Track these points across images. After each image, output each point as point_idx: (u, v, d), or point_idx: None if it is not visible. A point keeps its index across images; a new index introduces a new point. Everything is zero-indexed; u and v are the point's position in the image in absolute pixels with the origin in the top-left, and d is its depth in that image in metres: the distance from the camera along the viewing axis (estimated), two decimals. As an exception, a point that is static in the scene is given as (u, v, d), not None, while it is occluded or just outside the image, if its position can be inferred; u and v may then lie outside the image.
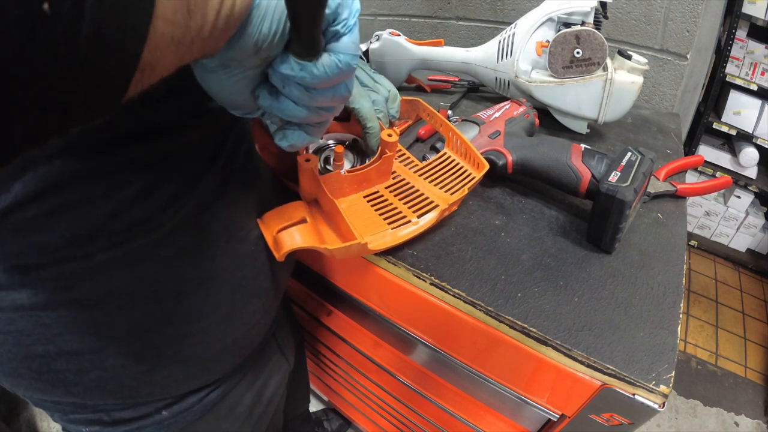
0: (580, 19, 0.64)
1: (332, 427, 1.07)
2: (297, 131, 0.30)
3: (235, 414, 0.47)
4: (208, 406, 0.42)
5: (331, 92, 0.28)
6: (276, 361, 0.53)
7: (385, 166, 0.49)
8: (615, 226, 0.46)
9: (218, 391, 0.43)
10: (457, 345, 0.50)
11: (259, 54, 0.25)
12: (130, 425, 0.38)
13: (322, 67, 0.25)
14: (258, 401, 0.50)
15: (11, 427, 1.15)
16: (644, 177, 0.47)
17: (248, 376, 0.47)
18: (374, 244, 0.43)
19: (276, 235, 0.38)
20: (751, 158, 1.61)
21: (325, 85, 0.27)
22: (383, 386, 0.72)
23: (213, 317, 0.37)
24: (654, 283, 0.46)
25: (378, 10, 1.25)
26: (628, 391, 0.38)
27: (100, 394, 0.35)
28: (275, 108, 0.28)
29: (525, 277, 0.46)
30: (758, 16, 1.37)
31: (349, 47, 0.26)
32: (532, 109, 0.64)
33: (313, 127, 0.31)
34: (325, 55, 0.25)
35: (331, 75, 0.26)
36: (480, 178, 0.51)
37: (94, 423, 0.38)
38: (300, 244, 0.38)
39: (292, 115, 0.28)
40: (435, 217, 0.47)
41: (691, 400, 1.31)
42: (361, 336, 0.70)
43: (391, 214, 0.47)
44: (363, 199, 0.48)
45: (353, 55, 0.26)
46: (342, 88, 0.28)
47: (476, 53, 0.76)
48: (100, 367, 0.33)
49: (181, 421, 0.41)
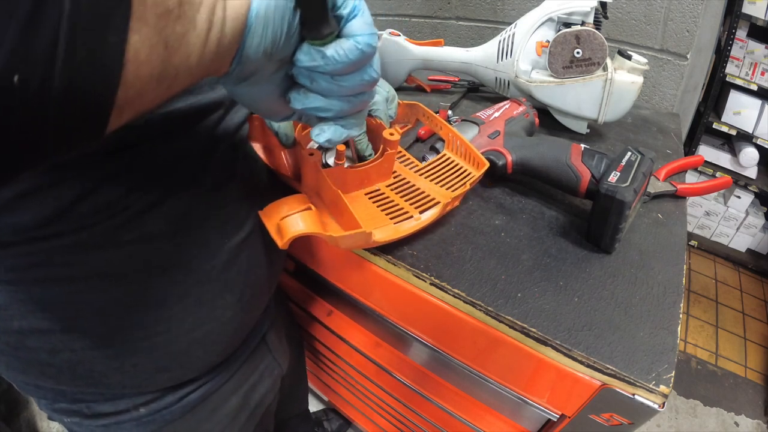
0: (580, 19, 0.64)
1: (332, 427, 1.07)
2: (333, 125, 0.30)
3: (218, 416, 0.46)
4: (187, 407, 0.42)
5: (358, 77, 0.28)
6: (267, 365, 0.53)
7: (386, 164, 0.49)
8: (615, 227, 0.46)
9: (199, 392, 0.43)
10: (457, 345, 0.50)
11: (273, 59, 0.25)
12: (108, 419, 0.39)
13: (342, 51, 0.25)
14: (244, 405, 0.49)
15: (11, 427, 1.15)
16: (644, 177, 0.47)
17: (234, 378, 0.47)
18: (378, 235, 0.43)
19: (279, 222, 0.38)
20: (751, 158, 1.61)
21: (350, 70, 0.27)
22: (383, 386, 0.72)
23: (179, 305, 0.37)
24: (654, 283, 0.46)
25: (378, 10, 1.25)
26: (628, 391, 0.38)
27: (72, 378, 0.36)
28: (308, 106, 0.28)
29: (525, 277, 0.46)
30: (758, 16, 1.37)
31: (363, 28, 0.26)
32: (531, 109, 0.64)
33: (349, 119, 0.31)
34: (342, 39, 0.26)
35: (353, 58, 0.26)
36: (480, 175, 0.51)
37: (75, 414, 0.39)
38: (304, 230, 0.37)
39: (326, 109, 0.29)
40: (437, 212, 0.47)
41: (691, 400, 1.31)
42: (361, 336, 0.70)
43: (393, 210, 0.47)
44: (365, 196, 0.49)
45: (370, 34, 0.26)
46: (369, 71, 0.28)
47: (476, 53, 0.76)
48: (69, 348, 0.34)
49: (159, 419, 0.41)
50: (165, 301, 0.36)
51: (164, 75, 0.20)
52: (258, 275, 0.44)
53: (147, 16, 0.17)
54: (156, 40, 0.18)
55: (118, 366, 0.36)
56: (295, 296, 0.76)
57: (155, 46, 0.18)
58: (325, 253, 0.57)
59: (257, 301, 0.46)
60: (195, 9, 0.20)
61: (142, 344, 0.36)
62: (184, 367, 0.41)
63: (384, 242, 0.45)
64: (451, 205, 0.50)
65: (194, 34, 0.20)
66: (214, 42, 0.22)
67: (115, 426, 0.40)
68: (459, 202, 0.52)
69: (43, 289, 0.32)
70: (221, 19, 0.22)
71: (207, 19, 0.21)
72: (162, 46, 0.19)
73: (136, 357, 0.37)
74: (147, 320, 0.36)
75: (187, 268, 0.36)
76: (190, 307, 0.38)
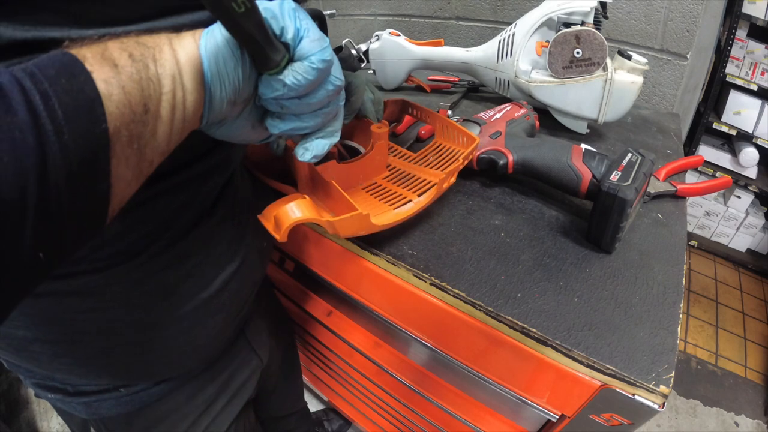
0: (580, 19, 0.64)
1: (332, 427, 1.07)
2: (314, 140, 0.32)
3: (196, 402, 0.49)
4: (164, 391, 0.45)
5: (323, 90, 0.29)
6: (245, 356, 0.55)
7: (379, 156, 0.50)
8: (616, 226, 0.46)
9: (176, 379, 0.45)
10: (457, 345, 0.50)
11: (238, 102, 0.27)
12: (90, 397, 0.42)
13: (299, 75, 0.26)
14: (222, 392, 0.52)
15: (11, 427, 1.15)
16: (645, 177, 0.47)
17: (211, 369, 0.49)
18: (377, 219, 0.43)
19: (276, 213, 0.38)
20: (751, 158, 1.60)
21: (313, 87, 0.28)
22: (383, 386, 0.72)
23: (174, 327, 0.40)
24: (654, 283, 0.46)
25: (378, 10, 1.25)
26: (628, 391, 0.38)
27: (66, 373, 0.39)
28: (284, 130, 0.30)
29: (525, 277, 0.46)
30: (758, 16, 1.36)
31: (312, 46, 0.26)
32: (532, 112, 0.64)
33: (327, 128, 0.32)
34: (296, 63, 0.27)
35: (311, 78, 0.27)
36: (472, 149, 0.51)
37: (58, 391, 0.41)
38: (300, 217, 0.37)
39: (303, 127, 0.30)
40: (434, 191, 0.47)
41: (691, 400, 1.31)
42: (361, 336, 0.70)
43: (391, 198, 0.48)
44: (363, 191, 0.49)
45: (321, 50, 0.27)
46: (331, 80, 0.29)
47: (476, 53, 0.76)
48: (71, 356, 0.37)
49: (137, 400, 0.43)
50: (163, 323, 0.39)
51: (141, 171, 0.23)
52: (246, 293, 0.48)
53: (122, 142, 0.21)
54: (130, 153, 0.21)
55: (112, 370, 0.40)
56: (294, 296, 0.76)
57: (130, 158, 0.21)
58: (325, 253, 0.57)
59: (243, 311, 0.49)
60: (158, 104, 0.22)
61: (138, 358, 0.40)
62: (170, 371, 0.44)
63: (384, 227, 0.44)
64: (447, 182, 0.50)
65: (161, 124, 0.23)
66: (180, 120, 0.24)
67: (96, 404, 0.42)
68: (455, 178, 0.52)
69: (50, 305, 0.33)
70: (182, 98, 0.24)
71: (170, 106, 0.23)
72: (138, 155, 0.22)
73: (130, 365, 0.40)
74: (145, 338, 0.38)
75: (185, 297, 0.39)
76: (185, 328, 0.40)
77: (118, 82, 0.20)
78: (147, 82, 0.22)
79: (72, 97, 0.18)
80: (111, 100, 0.20)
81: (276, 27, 0.26)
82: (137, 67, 0.21)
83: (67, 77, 0.18)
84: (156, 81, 0.22)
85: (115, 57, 0.21)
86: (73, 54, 0.20)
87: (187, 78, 0.24)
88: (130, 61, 0.21)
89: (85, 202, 0.20)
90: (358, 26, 1.33)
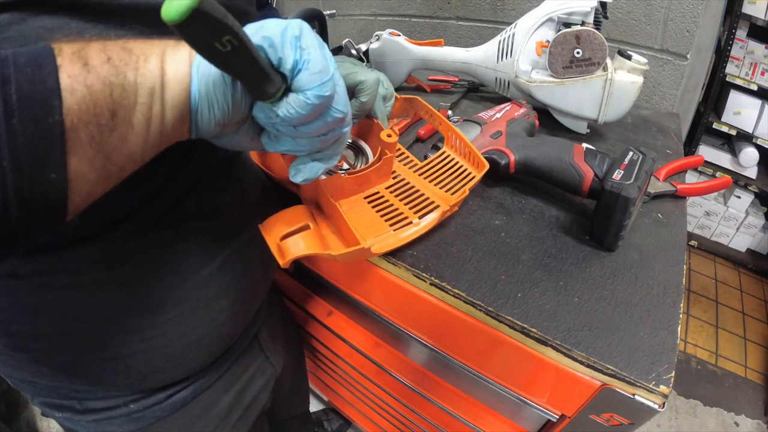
0: (580, 19, 0.64)
1: (332, 427, 1.07)
2: (309, 163, 0.31)
3: (210, 415, 0.47)
4: (177, 404, 0.43)
5: (321, 121, 0.28)
6: (259, 365, 0.53)
7: (385, 167, 0.49)
8: (619, 224, 0.46)
9: (189, 389, 0.44)
10: (457, 345, 0.50)
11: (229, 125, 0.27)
12: (99, 414, 0.40)
13: (292, 108, 0.26)
14: (237, 404, 0.50)
15: (11, 427, 1.15)
16: (646, 176, 0.47)
17: (225, 377, 0.47)
18: (377, 247, 0.43)
19: (280, 242, 0.38)
20: (751, 158, 1.60)
21: (308, 119, 0.27)
22: (383, 386, 0.72)
23: (175, 310, 0.38)
24: (654, 283, 0.46)
25: (378, 10, 1.25)
26: (628, 391, 0.38)
27: (67, 377, 0.37)
28: (279, 149, 0.30)
29: (525, 277, 0.46)
30: (758, 16, 1.36)
31: (310, 80, 0.25)
32: (532, 111, 0.64)
33: (325, 152, 0.31)
34: (292, 95, 0.26)
35: (305, 113, 0.26)
36: (480, 177, 0.50)
37: (67, 409, 0.40)
38: (304, 251, 0.38)
39: (297, 149, 0.30)
40: (436, 218, 0.47)
41: (691, 400, 1.31)
42: (361, 336, 0.70)
43: (392, 215, 0.47)
44: (364, 200, 0.48)
45: (319, 86, 0.26)
46: (331, 113, 0.28)
47: (476, 53, 0.76)
48: (67, 350, 0.35)
49: (149, 416, 0.42)
50: (162, 307, 0.37)
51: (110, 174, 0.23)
52: (252, 278, 0.45)
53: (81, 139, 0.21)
54: (93, 154, 0.21)
55: (113, 367, 0.37)
56: (295, 296, 0.75)
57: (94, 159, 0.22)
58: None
59: (251, 303, 0.47)
60: (129, 112, 0.22)
61: (138, 347, 0.37)
62: (177, 368, 0.41)
63: (383, 252, 0.45)
64: (450, 212, 0.50)
65: (133, 133, 0.23)
66: (156, 134, 0.24)
67: (106, 421, 0.40)
68: (458, 207, 0.52)
69: (43, 295, 0.32)
70: (159, 113, 0.24)
71: (144, 117, 0.23)
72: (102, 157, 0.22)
73: (131, 359, 0.37)
74: (144, 324, 0.36)
75: (184, 275, 0.37)
76: (186, 312, 0.38)
77: (84, 81, 0.21)
78: (119, 88, 0.22)
79: (32, 86, 0.19)
80: (73, 95, 0.20)
81: (273, 57, 0.25)
82: (111, 71, 0.22)
83: (33, 67, 0.19)
84: (131, 90, 0.22)
85: (89, 56, 0.21)
86: (52, 47, 0.20)
87: (170, 95, 0.24)
88: (107, 64, 0.21)
89: (35, 189, 0.20)
90: (358, 26, 1.33)
